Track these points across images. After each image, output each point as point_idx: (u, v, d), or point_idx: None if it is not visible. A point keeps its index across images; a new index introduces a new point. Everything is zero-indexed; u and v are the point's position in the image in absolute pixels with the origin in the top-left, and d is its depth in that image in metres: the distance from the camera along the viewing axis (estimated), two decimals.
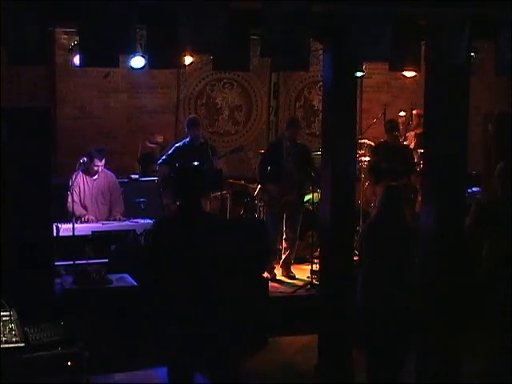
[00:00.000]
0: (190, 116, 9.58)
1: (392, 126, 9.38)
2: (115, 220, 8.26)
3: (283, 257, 8.89)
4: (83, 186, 8.26)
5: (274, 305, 7.60)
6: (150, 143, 10.15)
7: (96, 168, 8.23)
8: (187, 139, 8.81)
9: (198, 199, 4.98)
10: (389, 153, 9.18)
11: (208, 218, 5.18)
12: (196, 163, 8.47)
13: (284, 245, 8.92)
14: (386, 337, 5.42)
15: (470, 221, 5.93)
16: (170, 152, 8.76)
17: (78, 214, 8.08)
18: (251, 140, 11.20)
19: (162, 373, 6.41)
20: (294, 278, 8.80)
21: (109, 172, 8.54)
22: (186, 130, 8.83)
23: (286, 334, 7.43)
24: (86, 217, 8.12)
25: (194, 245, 4.77)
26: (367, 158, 9.64)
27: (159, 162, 8.80)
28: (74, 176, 8.14)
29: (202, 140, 8.84)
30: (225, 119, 11.21)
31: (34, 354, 4.78)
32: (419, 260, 5.70)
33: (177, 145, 8.85)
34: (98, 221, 8.16)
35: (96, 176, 8.33)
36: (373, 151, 9.61)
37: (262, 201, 9.06)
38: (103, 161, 8.26)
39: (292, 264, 8.98)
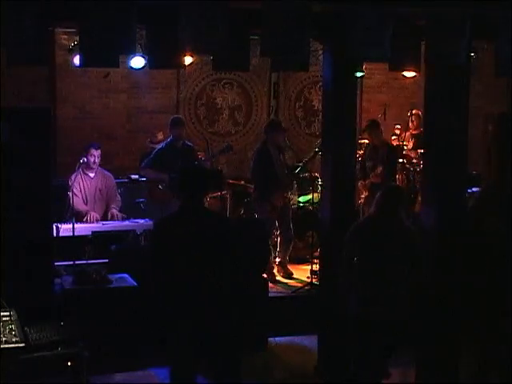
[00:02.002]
0: (174, 116, 9.54)
1: (367, 126, 9.46)
2: (113, 216, 8.27)
3: (279, 258, 8.90)
4: (83, 184, 8.29)
5: (274, 305, 7.59)
6: (152, 143, 10.11)
7: (92, 159, 8.22)
8: (168, 139, 8.81)
9: (200, 198, 4.98)
10: (370, 152, 9.34)
11: (211, 216, 5.17)
12: (196, 163, 8.54)
13: (279, 246, 8.93)
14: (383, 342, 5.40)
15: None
16: (152, 154, 8.77)
17: (80, 208, 8.11)
18: (251, 140, 11.19)
19: (162, 373, 6.43)
20: (291, 275, 8.81)
21: (106, 172, 8.57)
22: (169, 129, 8.83)
23: (286, 334, 7.42)
24: (90, 214, 8.13)
25: (197, 243, 4.77)
26: None
27: (142, 165, 8.81)
28: (74, 176, 8.17)
29: (181, 143, 8.80)
30: (225, 119, 11.21)
31: (34, 354, 4.77)
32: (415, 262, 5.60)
33: (159, 146, 8.86)
34: (98, 220, 8.17)
35: (93, 174, 8.35)
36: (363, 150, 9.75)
37: (264, 212, 8.82)
38: (99, 151, 8.27)
39: (288, 263, 9.01)
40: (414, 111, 10.24)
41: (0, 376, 4.61)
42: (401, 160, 9.94)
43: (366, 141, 9.67)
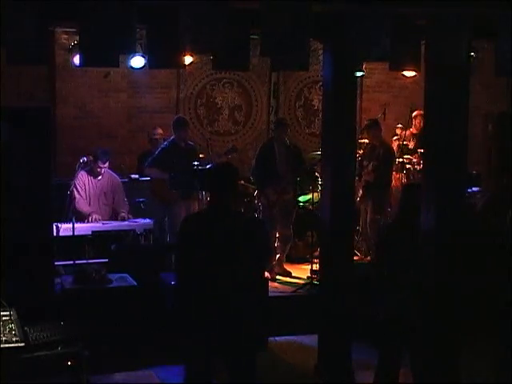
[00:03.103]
0: (177, 116, 9.55)
1: (366, 126, 9.62)
2: (123, 219, 8.28)
3: (277, 256, 8.91)
4: (87, 186, 8.29)
5: (275, 304, 7.59)
6: (153, 139, 10.04)
7: (99, 170, 8.29)
8: (171, 139, 8.82)
9: (228, 198, 4.90)
10: (369, 152, 9.46)
11: (238, 217, 5.12)
12: (196, 163, 8.56)
13: (277, 243, 8.94)
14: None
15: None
16: (156, 154, 8.78)
17: (84, 210, 8.10)
18: (251, 140, 11.20)
19: (162, 372, 6.44)
20: (290, 274, 8.83)
21: (113, 173, 8.56)
22: (173, 129, 8.83)
23: (287, 334, 7.42)
24: (93, 216, 8.12)
25: (222, 243, 4.74)
26: None
27: (146, 164, 8.82)
28: (79, 175, 8.16)
29: (184, 143, 8.80)
30: (225, 119, 11.21)
31: (34, 353, 4.77)
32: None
33: (162, 146, 8.88)
34: (99, 220, 8.17)
35: (100, 177, 8.36)
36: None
37: (261, 204, 9.07)
38: (107, 163, 8.30)
39: (285, 263, 9.05)
40: (417, 112, 10.21)
41: (0, 376, 4.61)
42: (400, 160, 9.95)
43: (367, 140, 9.70)
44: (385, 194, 9.47)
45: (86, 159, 8.23)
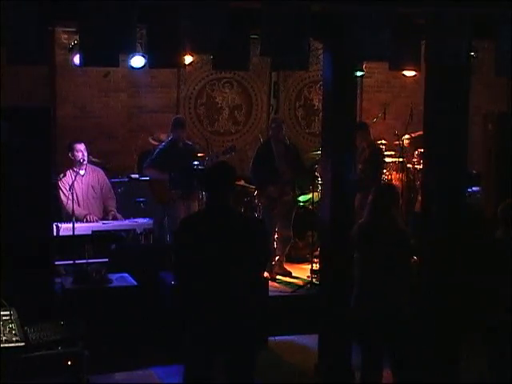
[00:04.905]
0: (176, 116, 9.56)
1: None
2: (113, 218, 8.25)
3: (277, 257, 8.91)
4: (74, 185, 8.15)
5: (274, 305, 7.60)
6: (153, 140, 10.09)
7: (80, 154, 8.11)
8: (169, 139, 8.83)
9: (224, 197, 4.85)
10: (360, 154, 9.19)
11: (235, 217, 5.09)
12: (196, 162, 8.57)
13: (277, 244, 8.95)
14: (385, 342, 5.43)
15: None
16: (154, 154, 8.78)
17: (76, 213, 8.06)
18: (251, 139, 11.19)
19: (162, 372, 6.44)
20: (290, 274, 8.84)
21: (96, 167, 8.52)
22: (171, 129, 8.84)
23: (287, 334, 7.42)
24: (89, 216, 8.11)
25: (219, 243, 4.72)
26: None
27: (145, 165, 8.81)
28: (63, 179, 8.07)
29: (182, 143, 8.81)
30: (225, 118, 11.21)
31: (34, 353, 4.77)
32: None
33: (160, 146, 8.88)
34: (97, 220, 8.16)
35: (84, 171, 8.28)
36: None
37: (261, 204, 9.04)
38: (83, 144, 8.21)
39: (285, 262, 9.05)
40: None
41: (0, 375, 4.61)
42: (400, 159, 9.93)
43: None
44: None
45: (73, 158, 8.20)
